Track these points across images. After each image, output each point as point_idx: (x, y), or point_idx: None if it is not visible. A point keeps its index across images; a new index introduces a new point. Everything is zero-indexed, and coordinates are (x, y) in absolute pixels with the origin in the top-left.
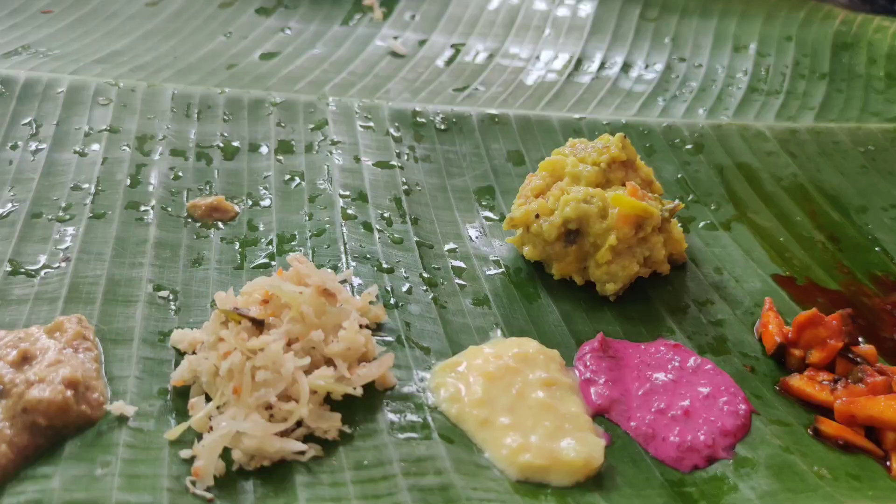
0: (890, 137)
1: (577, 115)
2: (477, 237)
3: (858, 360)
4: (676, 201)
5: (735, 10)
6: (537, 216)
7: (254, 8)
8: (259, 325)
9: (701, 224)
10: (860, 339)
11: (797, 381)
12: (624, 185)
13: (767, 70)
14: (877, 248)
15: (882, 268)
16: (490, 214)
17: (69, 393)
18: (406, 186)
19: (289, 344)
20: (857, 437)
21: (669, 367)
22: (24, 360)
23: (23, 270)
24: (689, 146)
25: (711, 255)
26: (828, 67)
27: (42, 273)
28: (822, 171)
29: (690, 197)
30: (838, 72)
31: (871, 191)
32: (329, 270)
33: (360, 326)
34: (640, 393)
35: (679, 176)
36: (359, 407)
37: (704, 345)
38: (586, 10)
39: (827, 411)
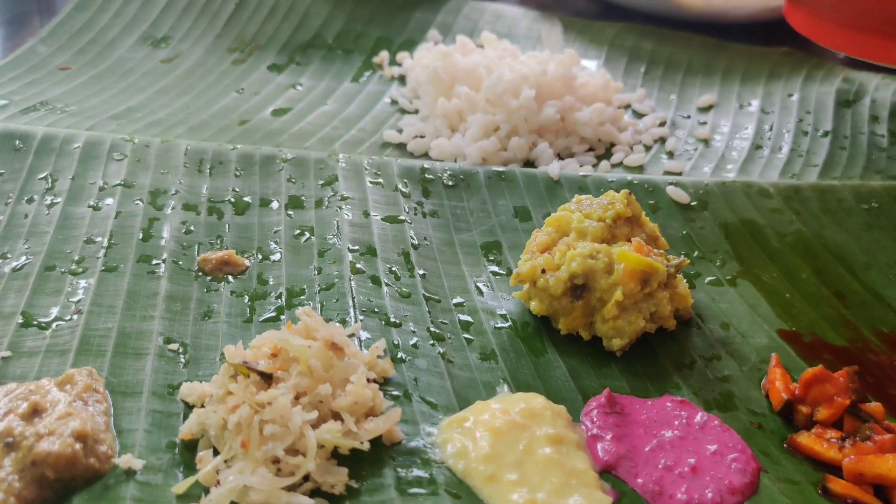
0: (893, 195)
1: (582, 173)
2: (484, 291)
3: (866, 417)
4: (682, 257)
5: (738, 68)
6: (543, 271)
7: (266, 65)
8: (267, 379)
9: (706, 280)
10: (868, 395)
11: (805, 439)
12: (629, 240)
13: (771, 127)
14: (882, 305)
15: (888, 324)
16: (497, 269)
17: (78, 446)
18: (414, 241)
19: (297, 397)
20: (865, 495)
21: (676, 423)
22: (35, 412)
23: (35, 323)
24: (693, 203)
25: (717, 310)
26: (831, 125)
27: (54, 325)
28: (826, 228)
29: (696, 253)
30: (841, 129)
31: (875, 248)
32: (337, 324)
33: (368, 380)
34: (647, 449)
35: (684, 232)
36: (366, 461)
37: (711, 401)
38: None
39: (835, 469)
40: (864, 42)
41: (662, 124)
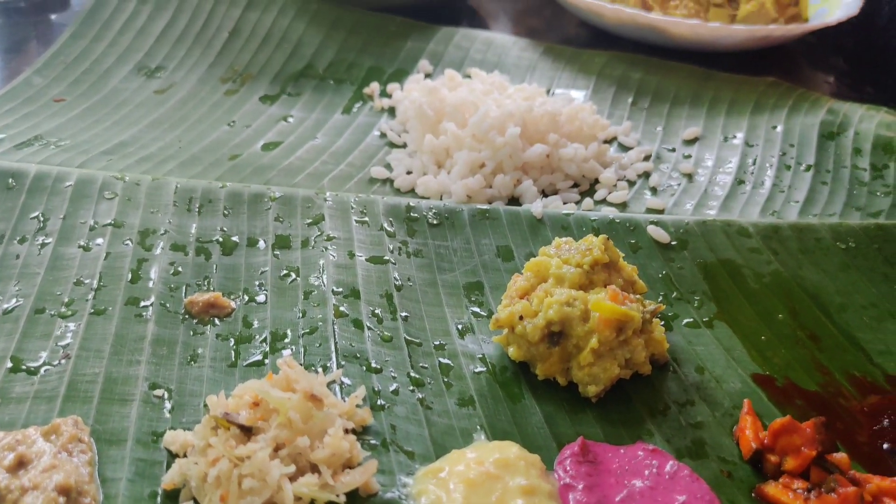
0: (871, 234)
1: (565, 211)
2: (465, 334)
3: (832, 468)
4: (658, 303)
5: (725, 99)
6: (521, 318)
7: (258, 95)
8: (247, 432)
9: (684, 322)
10: (837, 444)
11: (772, 489)
12: (606, 286)
13: (754, 161)
14: (855, 348)
15: (860, 368)
16: (478, 310)
17: (62, 500)
18: (398, 282)
19: (276, 449)
20: None
21: (647, 472)
22: (20, 464)
23: (24, 368)
24: (674, 242)
25: (693, 353)
26: (814, 158)
27: (42, 370)
28: (803, 268)
29: (674, 294)
30: (823, 163)
31: (851, 289)
32: (319, 370)
33: (346, 430)
34: (617, 499)
35: (663, 273)
36: None
37: (683, 448)
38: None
39: None
40: None
41: (647, 158)
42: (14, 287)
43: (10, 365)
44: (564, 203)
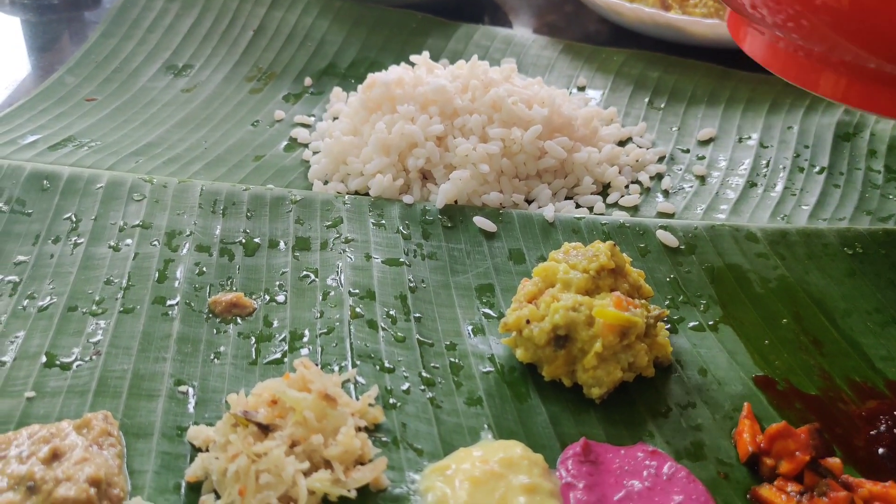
0: (879, 240)
1: (576, 215)
2: (475, 335)
3: (824, 473)
4: (662, 308)
5: (741, 98)
6: (528, 322)
7: (281, 94)
8: (265, 430)
9: (690, 325)
10: (834, 447)
11: (766, 492)
12: (613, 290)
13: (768, 163)
14: (857, 353)
15: (861, 374)
16: (489, 311)
17: (92, 491)
18: (412, 284)
19: (292, 446)
20: None
21: (645, 473)
22: (54, 457)
23: (57, 363)
24: (682, 247)
25: (697, 356)
26: (828, 160)
27: (75, 366)
28: (809, 273)
29: (681, 298)
30: (837, 165)
31: (856, 294)
32: (335, 370)
33: (359, 428)
34: (615, 499)
35: (671, 277)
36: None
37: (682, 450)
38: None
39: None
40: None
41: (661, 159)
42: (49, 285)
43: (44, 360)
44: (577, 206)
